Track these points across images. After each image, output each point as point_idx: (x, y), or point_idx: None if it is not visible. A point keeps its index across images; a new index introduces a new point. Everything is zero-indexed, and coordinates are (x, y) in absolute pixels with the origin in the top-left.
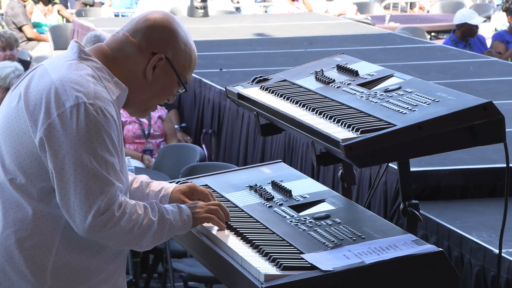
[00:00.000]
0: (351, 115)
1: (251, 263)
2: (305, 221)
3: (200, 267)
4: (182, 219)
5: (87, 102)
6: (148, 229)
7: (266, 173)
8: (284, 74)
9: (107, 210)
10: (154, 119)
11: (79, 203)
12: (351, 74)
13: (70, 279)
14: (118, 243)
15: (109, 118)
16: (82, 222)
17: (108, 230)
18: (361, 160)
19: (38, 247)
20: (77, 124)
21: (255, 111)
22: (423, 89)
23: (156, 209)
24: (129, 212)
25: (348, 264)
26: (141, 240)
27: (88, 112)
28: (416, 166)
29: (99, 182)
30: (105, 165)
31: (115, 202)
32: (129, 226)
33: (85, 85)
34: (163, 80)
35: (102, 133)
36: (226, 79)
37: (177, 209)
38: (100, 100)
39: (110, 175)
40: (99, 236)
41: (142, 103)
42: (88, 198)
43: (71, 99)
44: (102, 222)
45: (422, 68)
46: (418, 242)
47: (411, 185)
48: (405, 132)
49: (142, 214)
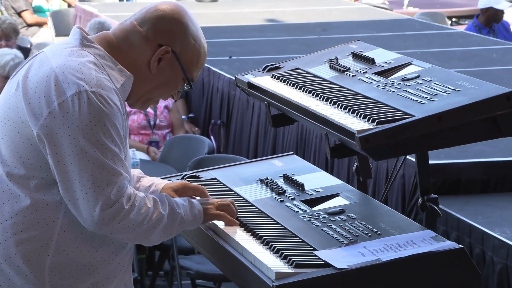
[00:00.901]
0: (367, 105)
1: (261, 260)
2: (318, 217)
3: (208, 265)
4: (193, 213)
5: (89, 90)
6: (158, 223)
7: (278, 166)
8: (297, 62)
9: (115, 203)
10: (160, 109)
11: (85, 196)
12: (367, 62)
13: (70, 275)
14: (127, 237)
15: (112, 106)
16: (90, 215)
17: (117, 224)
18: (377, 152)
19: (36, 240)
20: (80, 113)
21: (266, 101)
22: (443, 77)
23: (166, 203)
24: (138, 205)
25: (363, 261)
26: (150, 234)
27: (90, 101)
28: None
29: (106, 172)
30: (111, 155)
31: (124, 194)
32: (139, 220)
33: (87, 73)
34: (167, 74)
35: (106, 122)
36: (235, 67)
37: (188, 203)
38: (102, 88)
39: (116, 165)
40: (108, 230)
41: (143, 94)
42: (94, 190)
43: (73, 87)
44: (111, 215)
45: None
46: (437, 238)
47: (430, 179)
48: (424, 123)
49: (151, 207)
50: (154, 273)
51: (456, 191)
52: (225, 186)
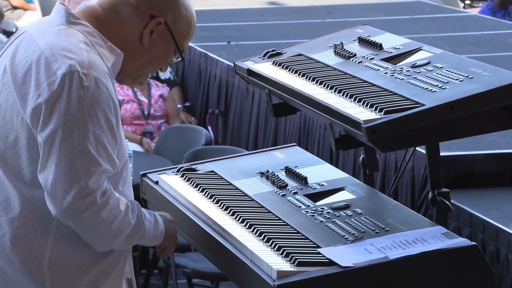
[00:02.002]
0: (374, 93)
1: (262, 258)
2: (322, 212)
3: (206, 263)
4: (156, 233)
5: (80, 72)
6: (124, 230)
7: (279, 158)
8: (300, 48)
9: (88, 195)
10: (154, 98)
11: (59, 180)
12: (374, 48)
13: (69, 270)
14: (91, 235)
15: (104, 90)
16: (60, 202)
17: (86, 218)
18: (385, 143)
19: (33, 236)
20: (69, 95)
21: (267, 89)
22: (455, 64)
23: (136, 212)
24: (111, 204)
25: (370, 259)
26: (115, 239)
27: (81, 82)
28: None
29: (85, 161)
30: (95, 143)
31: (99, 187)
32: (108, 221)
33: (78, 53)
34: (159, 47)
35: (95, 107)
36: (234, 53)
37: (154, 220)
38: (95, 70)
39: (99, 155)
40: (75, 222)
41: (134, 70)
42: (70, 176)
43: (63, 67)
44: (82, 206)
45: (455, 41)
46: (448, 235)
47: (441, 172)
48: (435, 113)
49: (123, 212)
50: (148, 272)
51: (469, 185)
52: (223, 179)
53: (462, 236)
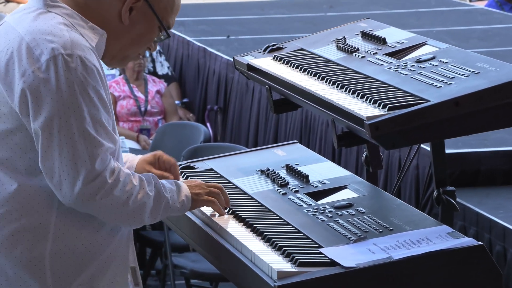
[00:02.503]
0: (377, 89)
1: (262, 259)
2: (324, 211)
3: (204, 263)
4: (181, 199)
5: (64, 54)
6: (144, 204)
7: (280, 156)
8: (301, 42)
9: (98, 176)
10: (151, 94)
11: (65, 168)
12: (377, 42)
13: (71, 262)
14: (111, 216)
15: (91, 68)
16: (70, 190)
17: (100, 200)
18: (388, 141)
19: (33, 227)
20: (57, 79)
21: (268, 84)
22: (461, 59)
23: (153, 184)
24: (123, 181)
25: (373, 259)
26: (137, 216)
27: (67, 65)
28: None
29: (87, 143)
30: (93, 123)
31: (107, 167)
32: (124, 198)
33: (59, 34)
34: (141, 25)
35: (86, 87)
36: (234, 47)
37: (175, 187)
38: (78, 48)
39: (99, 135)
40: (89, 207)
41: (118, 51)
42: (75, 161)
43: (46, 51)
44: (93, 189)
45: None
46: (454, 234)
47: (446, 170)
48: (440, 109)
49: (137, 185)
50: (145, 272)
51: (475, 183)
52: (222, 177)
53: (468, 236)
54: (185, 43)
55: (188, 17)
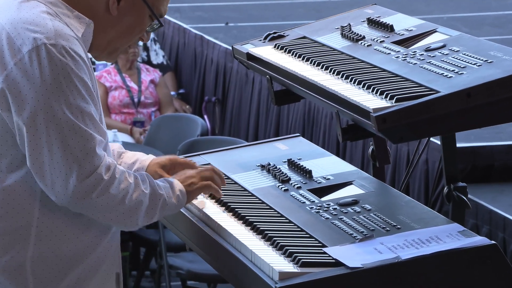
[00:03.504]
0: (384, 79)
1: (263, 259)
2: (328, 208)
3: (201, 263)
4: (176, 195)
5: (47, 43)
6: (140, 203)
7: (282, 150)
8: (304, 30)
9: (93, 172)
10: (145, 84)
11: (56, 165)
12: (385, 30)
13: (54, 266)
14: (106, 216)
15: (77, 59)
16: (63, 188)
17: (96, 198)
18: (396, 134)
19: (14, 229)
20: (41, 71)
21: (268, 74)
22: (473, 47)
23: (147, 182)
24: (118, 178)
25: (380, 259)
26: (133, 215)
27: (50, 55)
28: (464, 141)
29: (78, 137)
30: (82, 116)
31: (102, 163)
32: (120, 196)
33: (42, 23)
34: (131, 15)
35: (72, 78)
36: (233, 35)
37: (168, 183)
38: (63, 38)
39: (89, 127)
40: (85, 206)
41: (107, 43)
42: (67, 158)
43: (28, 42)
44: (88, 186)
45: (473, 22)
46: (465, 233)
47: (457, 165)
48: (451, 100)
49: (132, 183)
50: (139, 273)
51: (488, 179)
52: None
53: (480, 235)
54: (181, 30)
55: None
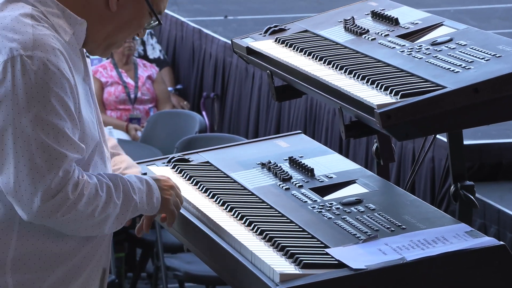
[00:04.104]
0: (389, 74)
1: (263, 260)
2: (330, 207)
3: (200, 265)
4: (150, 201)
5: (24, 55)
6: (111, 214)
7: (283, 147)
8: (305, 23)
9: (59, 192)
10: (142, 80)
11: (22, 183)
12: (389, 23)
13: (36, 268)
14: (75, 230)
15: (54, 72)
16: (27, 207)
17: (62, 217)
18: (401, 131)
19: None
20: (13, 84)
21: (269, 69)
22: (481, 41)
23: (121, 188)
24: (88, 194)
25: (384, 261)
26: (102, 225)
27: (25, 68)
28: (471, 138)
29: (46, 156)
30: (53, 133)
31: (69, 181)
32: (88, 211)
33: (21, 31)
34: (130, 10)
35: (47, 93)
36: (232, 29)
37: (146, 187)
38: (41, 49)
39: (61, 146)
40: (51, 223)
41: (104, 38)
42: (33, 176)
43: (4, 52)
44: (54, 206)
45: (481, 15)
46: (473, 233)
47: (464, 163)
48: (458, 96)
49: (103, 195)
50: (135, 275)
51: (496, 177)
52: (219, 171)
53: (488, 235)
54: (179, 24)
55: None
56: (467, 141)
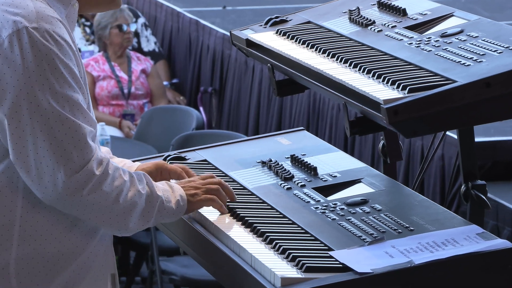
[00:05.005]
0: (396, 68)
1: (263, 263)
2: (335, 208)
3: (197, 268)
4: (175, 200)
5: (29, 27)
6: (135, 204)
7: (284, 145)
8: (308, 14)
9: (83, 167)
10: (136, 74)
11: (43, 159)
12: (396, 14)
13: (40, 269)
14: (98, 216)
15: (61, 43)
16: (51, 184)
17: (87, 196)
18: (409, 127)
19: None
20: (22, 57)
21: (270, 63)
22: (494, 32)
23: (144, 182)
24: (112, 174)
25: (391, 264)
26: (128, 217)
27: (33, 40)
28: (483, 135)
29: (65, 128)
30: (69, 106)
31: (93, 156)
32: (113, 194)
33: (22, 5)
34: None
35: (57, 64)
36: (231, 20)
37: (168, 187)
38: (45, 21)
39: (77, 118)
40: (75, 204)
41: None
42: (54, 151)
43: (8, 26)
44: (79, 182)
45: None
46: (485, 235)
47: (476, 161)
48: (469, 91)
49: (127, 181)
50: (129, 279)
51: (510, 176)
52: (218, 170)
53: (501, 237)
54: (175, 14)
55: None
56: (478, 138)
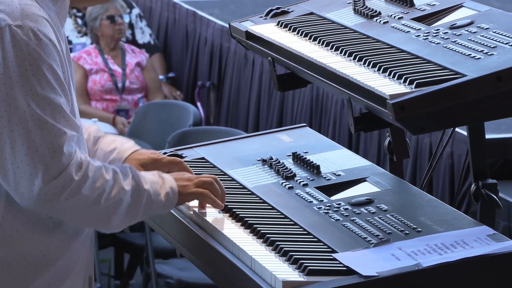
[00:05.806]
0: (403, 61)
1: (264, 266)
2: (338, 208)
3: (194, 271)
4: (165, 192)
5: (12, 25)
6: (119, 202)
7: (285, 142)
8: (310, 5)
9: (61, 172)
10: (130, 67)
11: (20, 164)
12: (403, 4)
13: (20, 271)
14: (79, 219)
15: (46, 42)
16: (28, 190)
17: (65, 201)
18: (416, 124)
19: None
20: (3, 57)
21: (271, 56)
22: (505, 24)
23: (130, 176)
24: (92, 176)
25: (398, 267)
26: (110, 217)
27: (16, 38)
28: (494, 132)
29: (45, 133)
30: (50, 109)
31: (72, 160)
32: (94, 196)
33: (6, 1)
34: None
35: (40, 65)
36: (230, 11)
37: (158, 178)
38: (30, 19)
39: (58, 122)
40: (53, 209)
41: None
42: (31, 156)
43: None
44: (56, 188)
45: None
46: (496, 237)
47: (486, 159)
48: (479, 85)
49: (110, 180)
50: (123, 283)
51: None
52: (216, 168)
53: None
54: (171, 5)
55: None
56: (489, 135)
